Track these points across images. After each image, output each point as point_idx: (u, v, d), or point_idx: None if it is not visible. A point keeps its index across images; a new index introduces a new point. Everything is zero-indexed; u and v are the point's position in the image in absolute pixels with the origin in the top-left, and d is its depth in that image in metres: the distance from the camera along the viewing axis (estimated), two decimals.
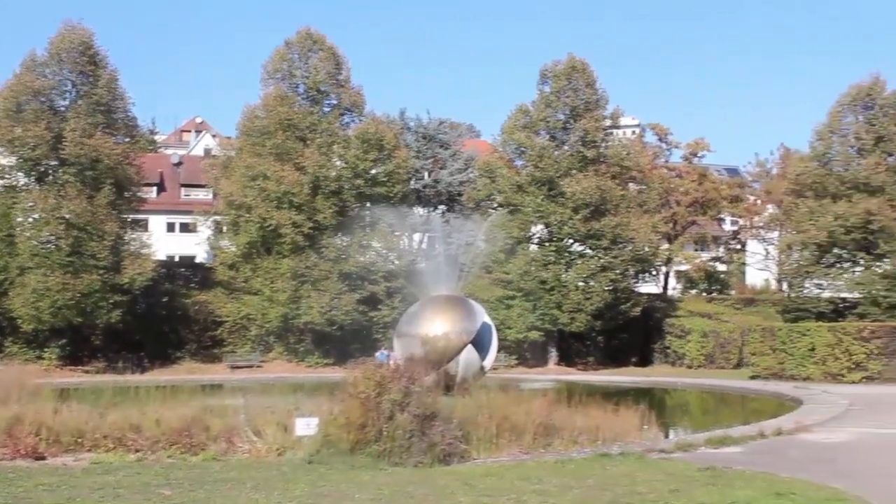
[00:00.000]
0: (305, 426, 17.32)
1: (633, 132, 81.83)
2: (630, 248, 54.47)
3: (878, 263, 52.13)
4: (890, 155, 53.11)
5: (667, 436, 22.77)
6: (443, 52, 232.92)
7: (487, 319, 35.81)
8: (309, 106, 56.24)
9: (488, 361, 35.19)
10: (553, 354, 56.06)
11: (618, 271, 54.29)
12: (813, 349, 41.49)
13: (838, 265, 53.56)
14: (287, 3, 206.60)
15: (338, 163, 55.54)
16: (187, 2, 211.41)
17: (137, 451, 17.31)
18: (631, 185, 58.99)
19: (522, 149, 56.43)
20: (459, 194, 64.26)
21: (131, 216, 54.74)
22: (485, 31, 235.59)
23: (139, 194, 55.37)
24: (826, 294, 53.66)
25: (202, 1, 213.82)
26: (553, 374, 51.47)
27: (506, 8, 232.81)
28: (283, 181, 52.56)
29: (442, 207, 66.16)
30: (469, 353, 33.42)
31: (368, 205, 56.15)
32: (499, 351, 39.19)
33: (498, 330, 38.09)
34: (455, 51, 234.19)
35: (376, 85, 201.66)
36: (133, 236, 53.40)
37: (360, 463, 15.83)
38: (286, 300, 52.67)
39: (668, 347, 56.33)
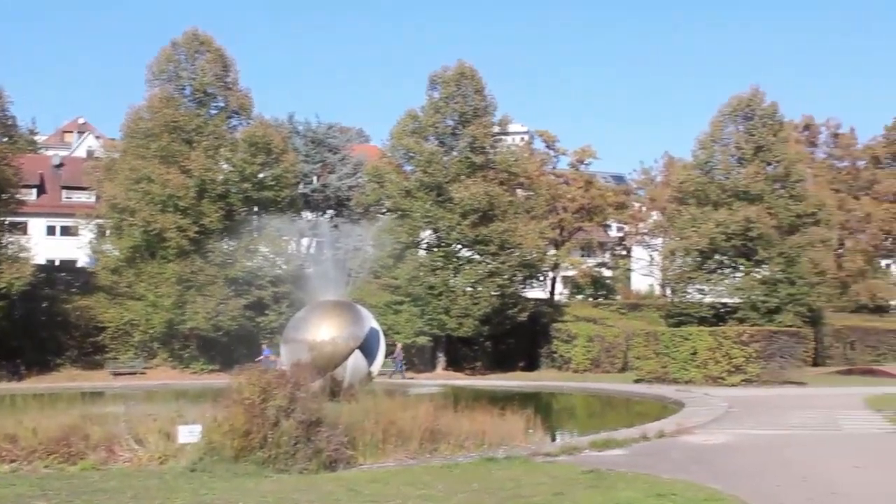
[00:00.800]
0: (188, 433, 16.97)
1: (522, 139, 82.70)
2: (517, 253, 54.91)
3: (757, 269, 53.55)
4: (769, 164, 54.59)
5: (553, 439, 22.97)
6: (333, 56, 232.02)
7: (375, 325, 35.67)
8: (195, 108, 55.36)
9: (375, 367, 35.06)
10: (441, 359, 56.23)
11: (505, 276, 54.70)
12: (695, 353, 42.35)
13: (719, 271, 54.84)
14: (174, 2, 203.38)
15: (225, 166, 54.76)
16: None
17: (12, 461, 16.71)
18: (519, 191, 59.53)
19: (411, 154, 56.50)
20: (348, 199, 64.06)
21: (9, 219, 53.12)
22: (375, 35, 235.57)
23: (17, 196, 53.70)
24: (708, 299, 54.87)
25: None
26: (441, 378, 51.57)
27: (396, 13, 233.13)
28: (168, 184, 51.62)
29: (330, 212, 65.87)
30: (356, 358, 33.24)
31: (256, 209, 55.56)
32: (386, 356, 39.09)
33: (385, 335, 37.99)
34: (345, 55, 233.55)
35: (265, 88, 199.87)
36: (11, 239, 51.82)
37: (245, 470, 15.59)
38: (171, 305, 51.74)
39: (555, 352, 56.93)
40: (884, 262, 75.12)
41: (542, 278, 64.24)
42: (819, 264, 53.15)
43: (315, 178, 67.41)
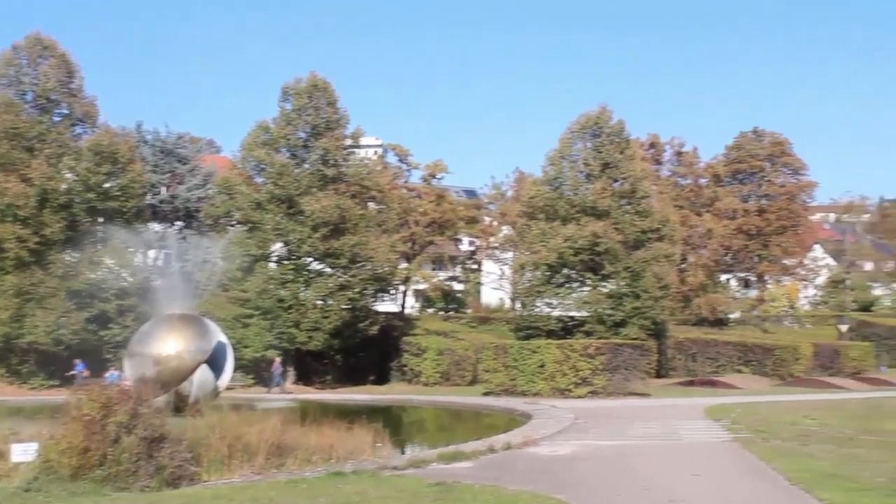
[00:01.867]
0: (23, 452, 16.29)
1: (375, 152, 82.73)
2: (369, 266, 54.80)
3: (603, 283, 54.68)
4: (615, 181, 55.83)
5: (402, 453, 22.97)
6: (183, 66, 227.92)
7: (223, 338, 35.13)
8: (38, 115, 53.49)
9: (223, 381, 34.49)
10: (290, 373, 55.61)
11: (356, 290, 54.49)
12: (543, 365, 42.94)
13: (567, 285, 55.77)
14: (17, 4, 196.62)
15: (68, 175, 53.07)
16: None
17: None
18: (370, 204, 59.42)
19: (262, 166, 55.83)
20: (197, 210, 62.89)
21: None
22: (228, 45, 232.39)
23: None
24: (556, 312, 55.71)
25: None
26: (290, 393, 51.02)
27: (249, 22, 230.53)
28: (6, 193, 49.73)
29: (179, 224, 64.53)
30: (203, 372, 32.64)
31: (101, 220, 53.96)
32: (235, 370, 38.44)
33: (234, 349, 37.41)
34: (196, 64, 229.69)
35: (112, 96, 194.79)
36: None
37: (83, 489, 15.05)
38: (8, 319, 49.75)
39: (405, 365, 56.95)
40: (723, 277, 77.73)
41: (393, 292, 64.21)
42: (663, 278, 54.57)
43: (163, 189, 65.97)
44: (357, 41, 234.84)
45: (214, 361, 33.47)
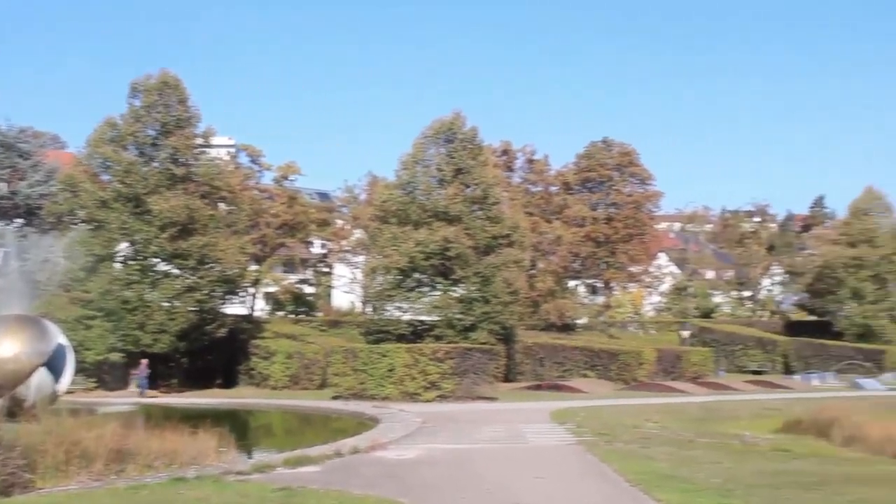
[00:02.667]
0: None
1: (228, 152, 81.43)
2: (217, 268, 53.82)
3: (453, 288, 55.05)
4: (468, 186, 56.29)
5: (249, 458, 22.65)
6: (28, 56, 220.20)
7: (64, 340, 33.97)
8: None
9: (63, 385, 33.33)
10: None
11: (204, 292, 53.44)
12: (392, 369, 43.00)
13: (418, 289, 55.94)
14: None
15: None
16: None
17: None
18: (221, 205, 58.44)
19: (109, 163, 54.24)
20: (39, 208, 60.66)
21: None
22: (75, 38, 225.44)
23: None
24: (406, 316, 55.83)
25: None
26: (134, 397, 49.74)
27: (100, 14, 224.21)
28: None
29: (19, 221, 62.19)
30: (41, 376, 31.49)
31: None
32: (76, 374, 37.21)
33: (75, 351, 36.21)
34: (42, 56, 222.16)
35: None
36: None
37: None
38: None
39: (254, 369, 56.17)
40: (572, 283, 79.21)
41: (242, 294, 63.31)
42: (512, 284, 55.25)
43: (3, 185, 63.53)
44: (211, 40, 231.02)
45: (54, 364, 32.29)
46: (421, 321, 55.45)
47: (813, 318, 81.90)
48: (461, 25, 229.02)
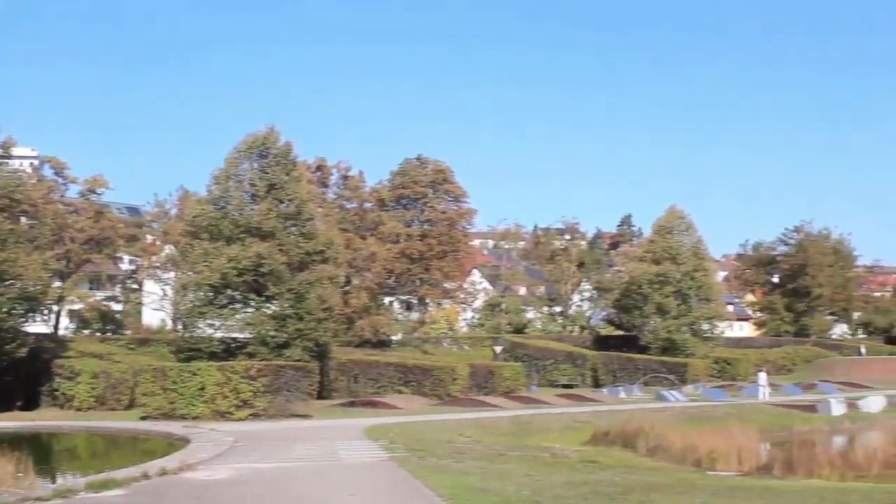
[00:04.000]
0: None
1: (31, 164, 78.25)
2: (18, 285, 51.41)
3: (267, 305, 54.21)
4: (281, 202, 55.60)
5: (52, 482, 21.70)
6: None
7: None
8: None
9: None
10: None
11: (3, 310, 50.95)
12: (203, 388, 41.99)
13: (231, 306, 54.85)
14: None
15: None
16: None
17: None
18: (22, 219, 55.97)
19: None
20: None
21: None
22: None
23: None
24: (218, 334, 54.60)
25: None
26: None
27: None
28: None
29: None
30: None
31: None
32: None
33: None
34: None
35: None
36: None
37: None
38: None
39: (57, 389, 53.78)
40: (387, 299, 79.34)
41: (45, 312, 60.70)
42: (327, 300, 54.82)
43: None
44: (15, 51, 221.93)
45: None
46: (233, 338, 54.35)
47: (620, 332, 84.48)
48: (275, 38, 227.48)
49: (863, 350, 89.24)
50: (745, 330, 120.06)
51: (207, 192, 56.87)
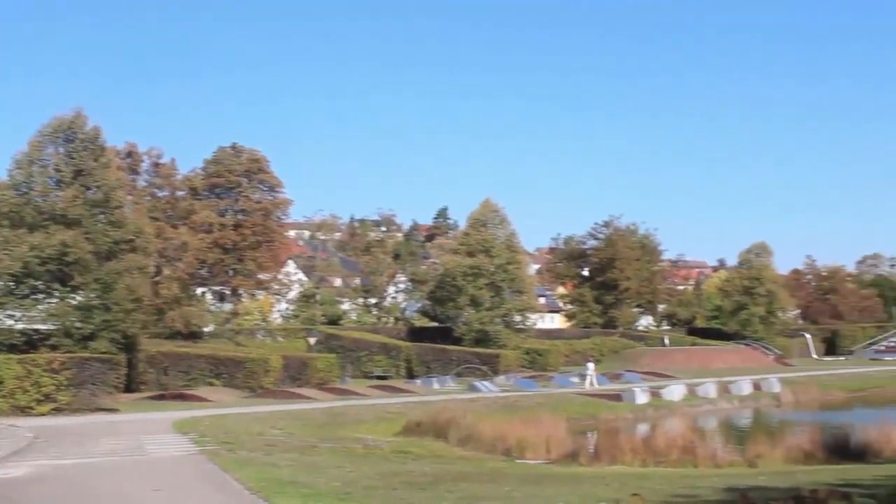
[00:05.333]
0: None
1: None
2: None
3: (72, 295, 52.28)
4: (88, 188, 53.72)
5: None
6: None
7: None
8: None
9: None
10: None
11: None
12: (2, 382, 40.28)
13: (33, 296, 52.65)
14: None
15: None
16: None
17: None
18: None
19: None
20: None
21: None
22: None
23: None
24: (19, 325, 52.38)
25: None
26: None
27: None
28: None
29: None
30: None
31: None
32: None
33: None
34: None
35: None
36: None
37: None
38: None
39: None
40: (199, 290, 77.73)
41: None
42: (135, 291, 53.21)
43: None
44: None
45: None
46: (36, 330, 52.15)
47: (435, 324, 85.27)
48: (86, 22, 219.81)
49: (666, 341, 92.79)
50: (556, 322, 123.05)
51: (9, 176, 54.36)
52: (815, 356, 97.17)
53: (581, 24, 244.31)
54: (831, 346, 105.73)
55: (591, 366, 61.09)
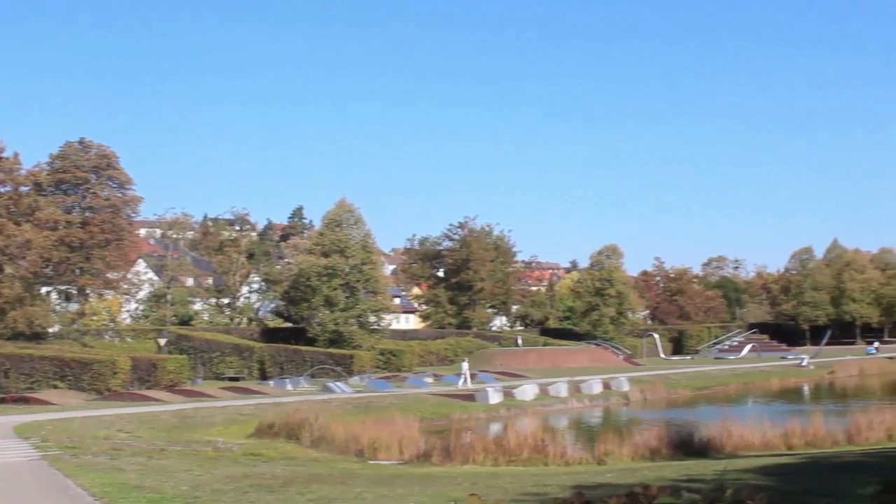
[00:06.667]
0: None
1: None
2: None
3: None
4: None
5: None
6: None
7: None
8: None
9: None
10: None
11: None
12: None
13: None
14: None
15: None
16: None
17: None
18: None
19: None
20: None
21: None
22: None
23: None
24: None
25: None
26: None
27: None
28: None
29: None
30: None
31: None
32: None
33: None
34: None
35: None
36: None
37: None
38: None
39: None
40: (43, 289, 75.21)
41: None
42: None
43: None
44: None
45: None
46: None
47: (289, 324, 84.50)
48: None
49: (519, 341, 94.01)
50: (412, 322, 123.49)
51: None
52: (662, 355, 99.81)
53: (430, 23, 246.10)
54: (678, 346, 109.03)
55: (465, 365, 61.75)
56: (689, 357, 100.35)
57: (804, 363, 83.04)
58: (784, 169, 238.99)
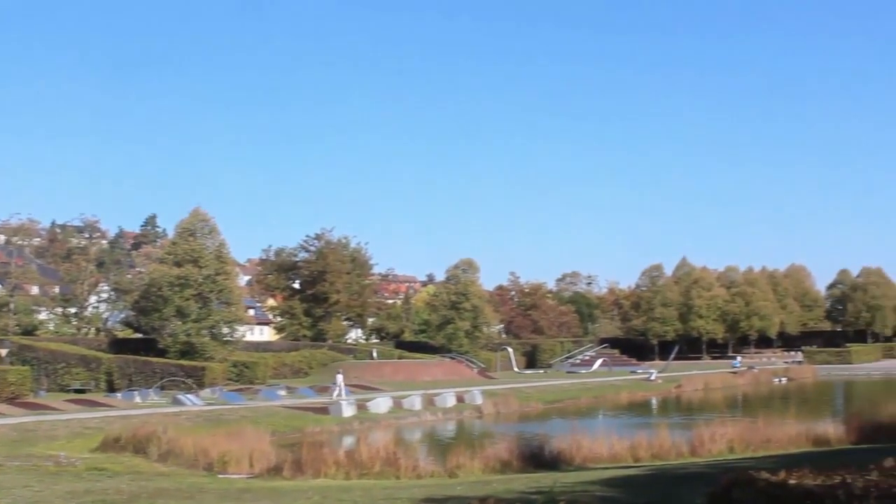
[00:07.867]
0: None
1: None
2: None
3: None
4: None
5: None
6: None
7: None
8: None
9: None
10: None
11: None
12: None
13: None
14: None
15: None
16: None
17: None
18: None
19: None
20: None
21: None
22: None
23: None
24: None
25: None
26: None
27: None
28: None
29: None
30: None
31: None
32: None
33: None
34: None
35: None
36: None
37: None
38: None
39: None
40: None
41: None
42: None
43: None
44: None
45: None
46: None
47: (139, 335, 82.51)
48: None
49: (375, 354, 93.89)
50: (266, 334, 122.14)
51: None
52: (516, 369, 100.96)
53: (291, 32, 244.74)
54: (532, 360, 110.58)
55: (339, 377, 61.20)
56: (542, 371, 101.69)
57: (653, 377, 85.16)
58: (636, 188, 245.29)
